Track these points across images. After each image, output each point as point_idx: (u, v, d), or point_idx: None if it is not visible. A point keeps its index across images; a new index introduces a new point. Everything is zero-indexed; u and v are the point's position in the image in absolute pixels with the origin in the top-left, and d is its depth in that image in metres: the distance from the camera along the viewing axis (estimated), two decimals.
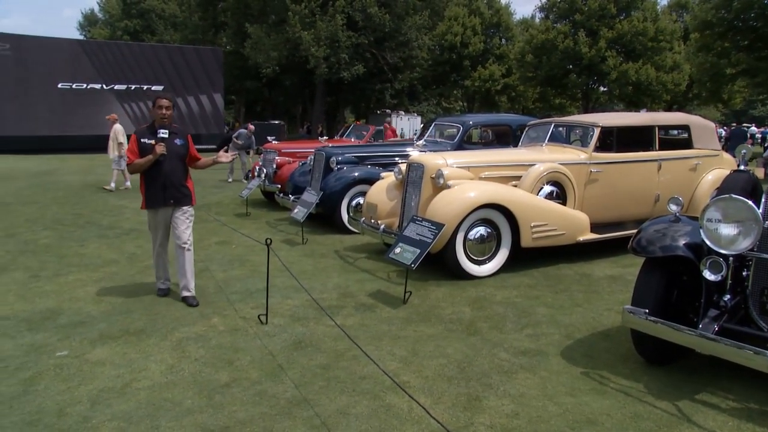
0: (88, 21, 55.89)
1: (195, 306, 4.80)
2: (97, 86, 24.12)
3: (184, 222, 4.91)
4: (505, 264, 5.80)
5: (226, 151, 5.24)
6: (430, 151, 7.83)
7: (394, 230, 6.22)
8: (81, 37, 50.35)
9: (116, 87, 24.53)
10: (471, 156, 6.53)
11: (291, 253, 6.78)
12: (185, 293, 4.93)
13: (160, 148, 4.70)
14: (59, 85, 23.19)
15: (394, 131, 18.44)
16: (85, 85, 23.82)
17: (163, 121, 4.80)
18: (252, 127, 15.39)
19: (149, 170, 4.77)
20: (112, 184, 12.24)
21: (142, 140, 4.78)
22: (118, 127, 12.19)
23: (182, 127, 5.28)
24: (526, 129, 7.61)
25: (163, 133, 4.74)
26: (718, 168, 7.22)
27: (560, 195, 6.21)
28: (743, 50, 24.40)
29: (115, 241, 7.30)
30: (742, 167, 5.12)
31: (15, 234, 7.64)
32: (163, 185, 4.78)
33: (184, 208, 4.93)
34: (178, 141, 4.89)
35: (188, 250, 4.90)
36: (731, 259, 3.24)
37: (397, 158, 8.66)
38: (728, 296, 3.29)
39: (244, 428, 2.93)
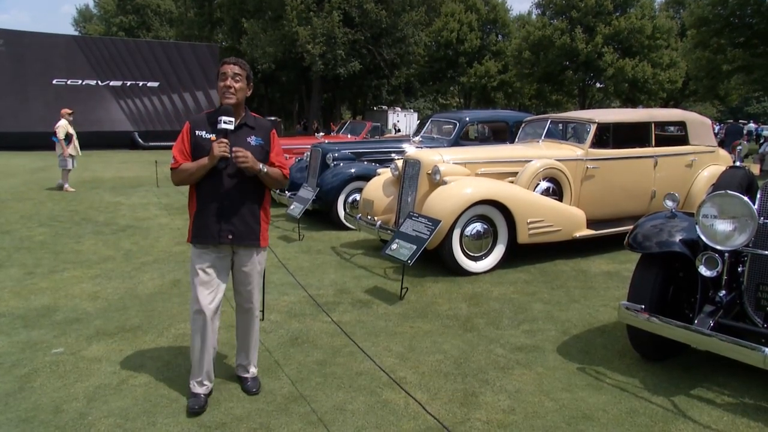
0: (83, 17, 55.62)
1: (255, 394, 3.24)
2: (93, 82, 24.03)
3: (252, 274, 3.20)
4: (501, 260, 5.81)
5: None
6: (427, 147, 7.83)
7: (391, 226, 6.22)
8: (76, 33, 50.11)
9: (111, 83, 24.44)
10: (467, 152, 6.53)
11: (287, 249, 6.78)
12: (244, 374, 3.34)
13: (220, 148, 2.89)
14: (54, 81, 23.09)
15: None
16: (80, 81, 23.71)
17: (228, 100, 2.98)
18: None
19: (204, 183, 3.02)
20: (62, 183, 11.59)
21: (197, 133, 3.02)
22: (60, 122, 11.48)
23: (263, 120, 3.25)
24: (523, 125, 7.61)
25: (227, 123, 2.91)
26: (714, 164, 7.23)
27: (556, 191, 6.22)
28: (739, 47, 24.46)
29: (111, 238, 7.28)
30: (738, 163, 5.14)
31: (10, 230, 7.61)
32: (219, 210, 3.02)
33: (253, 251, 3.17)
34: (253, 139, 3.05)
35: (256, 315, 3.32)
36: (727, 255, 3.25)
37: (393, 154, 8.66)
38: (724, 292, 3.30)
39: (241, 424, 2.93)
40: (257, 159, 3.01)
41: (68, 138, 11.45)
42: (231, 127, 2.93)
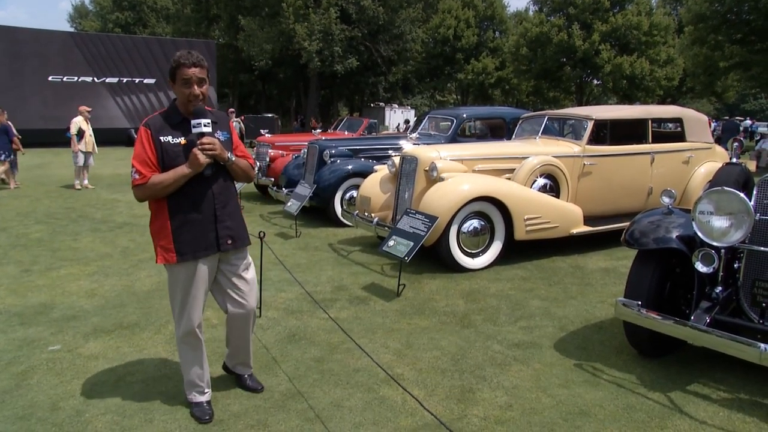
0: (79, 13, 55.33)
1: (260, 391, 3.21)
2: (89, 79, 23.90)
3: (247, 273, 3.05)
4: (498, 257, 5.81)
5: None
6: (424, 143, 7.83)
7: (388, 223, 6.22)
8: (72, 30, 49.87)
9: (108, 80, 24.31)
10: (465, 149, 6.53)
11: (284, 246, 6.77)
12: (241, 371, 3.29)
13: (205, 155, 2.72)
14: (50, 78, 22.95)
15: None
16: (76, 78, 23.56)
17: (194, 102, 2.77)
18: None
19: (184, 191, 2.77)
20: (80, 181, 11.64)
21: (161, 138, 2.74)
22: (75, 118, 11.44)
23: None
24: (520, 122, 7.61)
25: (205, 126, 2.71)
26: (711, 161, 7.24)
27: (554, 188, 6.23)
28: (737, 43, 24.46)
29: (108, 235, 7.26)
30: (734, 160, 5.14)
31: (7, 228, 7.59)
32: (213, 215, 2.82)
33: (244, 251, 3.04)
34: (220, 134, 2.86)
35: (254, 313, 3.14)
36: (723, 251, 3.26)
37: (390, 151, 8.65)
38: (720, 288, 3.31)
39: (238, 421, 2.93)
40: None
41: (80, 134, 11.47)
42: (210, 129, 2.74)
